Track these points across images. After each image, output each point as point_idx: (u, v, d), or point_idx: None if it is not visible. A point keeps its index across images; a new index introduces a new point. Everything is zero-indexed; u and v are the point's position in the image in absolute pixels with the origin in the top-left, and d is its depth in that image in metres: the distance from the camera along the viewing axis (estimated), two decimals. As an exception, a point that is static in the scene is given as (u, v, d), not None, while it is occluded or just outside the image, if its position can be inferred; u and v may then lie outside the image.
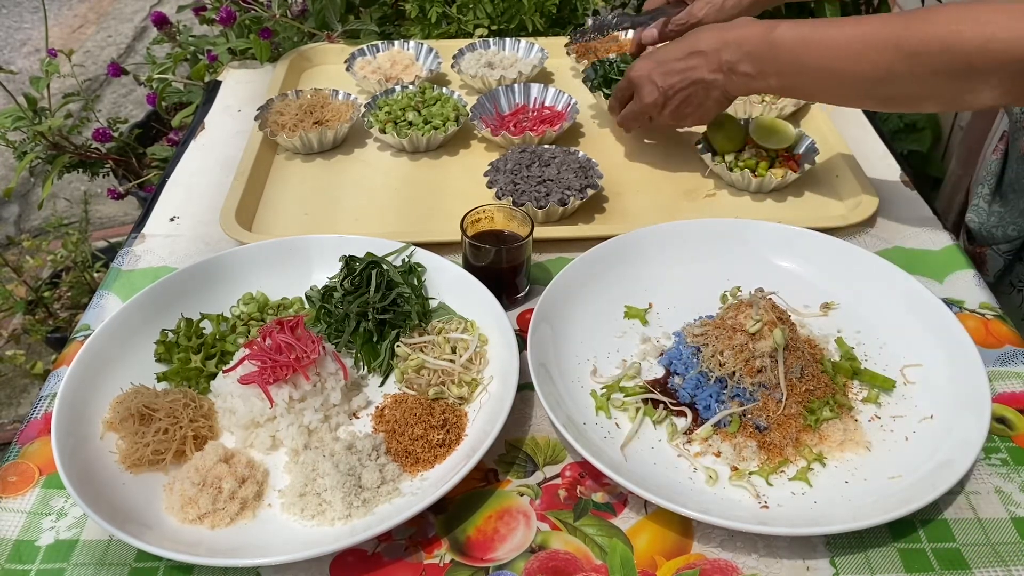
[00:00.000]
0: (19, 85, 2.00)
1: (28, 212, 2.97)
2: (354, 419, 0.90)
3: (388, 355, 0.95)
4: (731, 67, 1.04)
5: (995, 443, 0.86)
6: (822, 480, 0.81)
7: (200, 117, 1.44)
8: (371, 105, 1.35)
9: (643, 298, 1.02)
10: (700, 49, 1.06)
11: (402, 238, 1.06)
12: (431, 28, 1.66)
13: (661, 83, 1.11)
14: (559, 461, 0.86)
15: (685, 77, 1.09)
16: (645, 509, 0.80)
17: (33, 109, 1.74)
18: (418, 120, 1.30)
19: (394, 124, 1.31)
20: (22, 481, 0.84)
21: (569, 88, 1.42)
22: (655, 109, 1.14)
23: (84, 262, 2.07)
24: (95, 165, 2.02)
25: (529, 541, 0.78)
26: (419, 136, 1.28)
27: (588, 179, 1.17)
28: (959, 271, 1.07)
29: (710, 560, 0.76)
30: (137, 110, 3.45)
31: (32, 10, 4.25)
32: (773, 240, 1.06)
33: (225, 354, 0.95)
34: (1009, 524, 0.78)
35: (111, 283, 1.09)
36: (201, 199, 1.23)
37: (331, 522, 0.78)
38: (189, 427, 0.85)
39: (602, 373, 0.93)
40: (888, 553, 0.76)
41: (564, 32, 1.71)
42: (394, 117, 1.31)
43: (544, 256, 1.11)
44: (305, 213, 1.21)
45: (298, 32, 1.62)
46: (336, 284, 0.99)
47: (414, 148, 1.32)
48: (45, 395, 0.94)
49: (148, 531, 0.76)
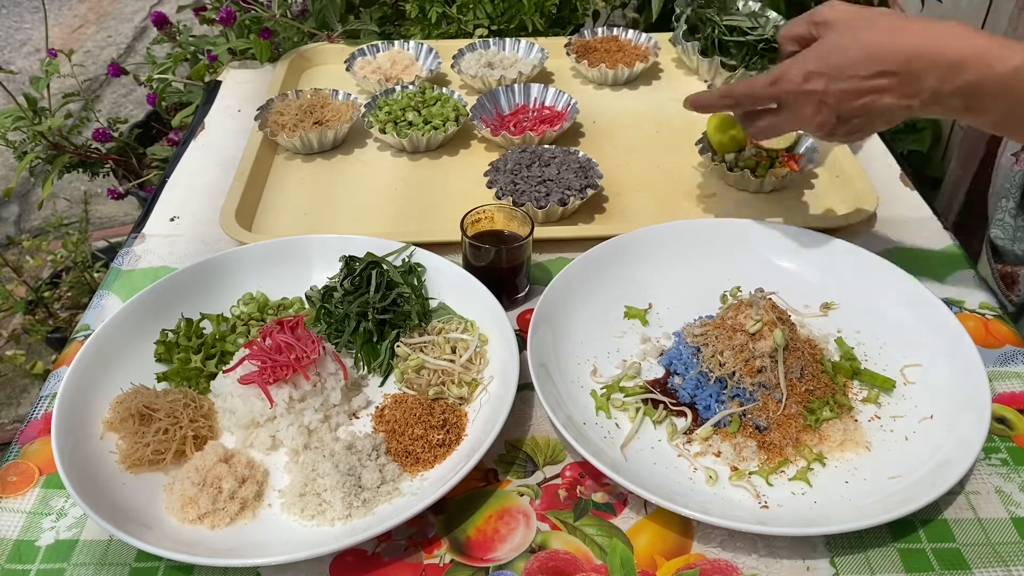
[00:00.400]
0: (19, 85, 2.00)
1: (28, 212, 2.97)
2: (354, 419, 0.90)
3: (388, 355, 0.95)
4: (935, 95, 0.80)
5: (995, 443, 0.86)
6: (822, 480, 0.81)
7: (200, 117, 1.44)
8: (371, 105, 1.35)
9: (643, 298, 1.02)
10: (890, 69, 0.80)
11: (402, 238, 1.06)
12: (431, 28, 1.66)
13: (835, 105, 0.84)
14: (559, 461, 0.86)
15: (868, 104, 0.83)
16: (645, 509, 0.80)
17: (33, 109, 1.74)
18: (418, 120, 1.30)
19: (394, 124, 1.31)
20: (22, 481, 0.84)
21: (569, 88, 1.42)
22: (818, 131, 0.89)
23: (84, 262, 2.07)
24: (95, 165, 2.02)
25: (529, 541, 0.78)
26: (419, 136, 1.28)
27: (588, 179, 1.17)
28: (959, 271, 1.07)
29: (710, 560, 0.76)
30: (137, 110, 3.45)
31: (32, 10, 4.25)
32: (773, 240, 1.06)
33: (225, 354, 0.95)
34: (1009, 524, 0.78)
35: (111, 283, 1.09)
36: (201, 199, 1.23)
37: (331, 522, 0.78)
38: (189, 427, 0.85)
39: (602, 373, 0.93)
40: (888, 553, 0.76)
41: (564, 32, 1.71)
42: (394, 117, 1.31)
43: (544, 256, 1.11)
44: (305, 213, 1.21)
45: (298, 32, 1.62)
46: (336, 284, 0.99)
47: (414, 148, 1.32)
48: (45, 395, 0.94)
49: (148, 531, 0.76)
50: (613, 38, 1.54)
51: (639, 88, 1.49)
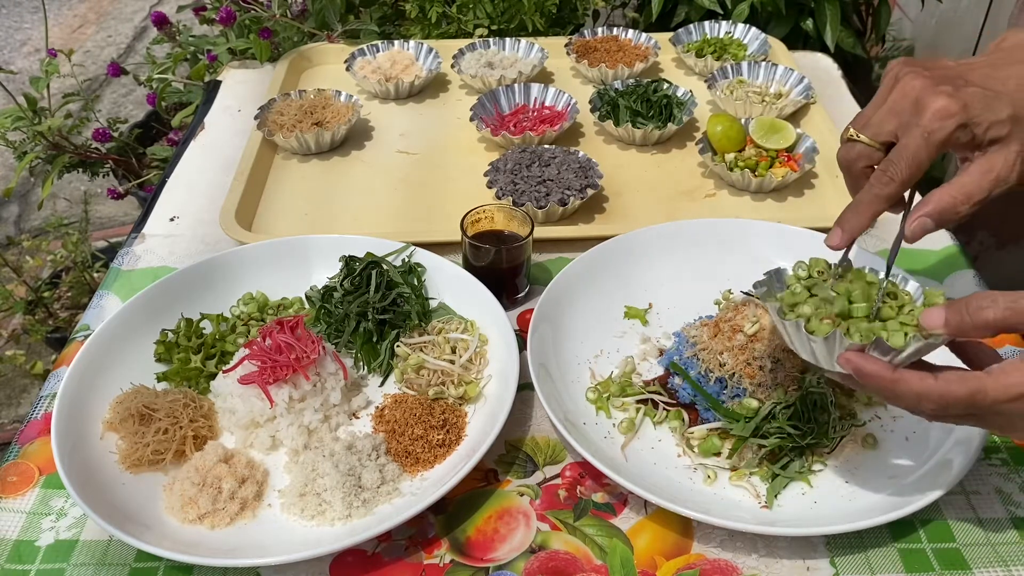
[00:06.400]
0: (19, 85, 2.00)
1: (28, 212, 2.96)
2: (354, 419, 0.90)
3: (388, 355, 0.95)
4: None
5: (995, 443, 0.86)
6: (822, 480, 0.81)
7: (200, 117, 1.44)
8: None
9: (643, 298, 1.02)
10: None
11: (402, 238, 1.06)
12: (431, 28, 1.66)
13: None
14: (559, 461, 0.86)
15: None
16: (645, 509, 0.80)
17: (33, 109, 1.74)
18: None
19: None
20: (22, 481, 0.84)
21: (569, 88, 1.42)
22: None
23: (84, 262, 2.07)
24: (95, 165, 2.02)
25: (529, 541, 0.78)
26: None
27: (588, 179, 1.17)
28: (959, 271, 1.07)
29: (710, 560, 0.76)
30: (137, 110, 3.45)
31: (32, 10, 4.25)
32: (773, 240, 1.06)
33: (225, 354, 0.95)
34: (1009, 524, 0.78)
35: (111, 283, 1.09)
36: (201, 199, 1.23)
37: (331, 522, 0.78)
38: (189, 427, 0.85)
39: (602, 373, 0.93)
40: (888, 553, 0.76)
41: (564, 32, 1.71)
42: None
43: (544, 256, 1.11)
44: (305, 213, 1.21)
45: (298, 32, 1.62)
46: (336, 284, 0.99)
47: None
48: (45, 395, 0.94)
49: (148, 531, 0.76)
50: (613, 38, 1.54)
51: (639, 88, 1.49)
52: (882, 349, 0.66)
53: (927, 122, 0.69)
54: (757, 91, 1.40)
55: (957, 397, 0.64)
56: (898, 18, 2.75)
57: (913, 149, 0.70)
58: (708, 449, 0.84)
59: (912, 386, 0.65)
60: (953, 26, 2.46)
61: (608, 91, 1.36)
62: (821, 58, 1.59)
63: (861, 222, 0.74)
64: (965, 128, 0.69)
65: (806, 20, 2.02)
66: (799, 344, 0.71)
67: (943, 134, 0.69)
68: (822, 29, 1.99)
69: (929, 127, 0.69)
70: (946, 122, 0.68)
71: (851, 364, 0.66)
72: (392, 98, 1.47)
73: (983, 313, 0.63)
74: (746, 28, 1.55)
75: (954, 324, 0.64)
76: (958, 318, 0.64)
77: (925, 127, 0.69)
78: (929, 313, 0.66)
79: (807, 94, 1.37)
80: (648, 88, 1.35)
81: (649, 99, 1.33)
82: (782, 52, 1.53)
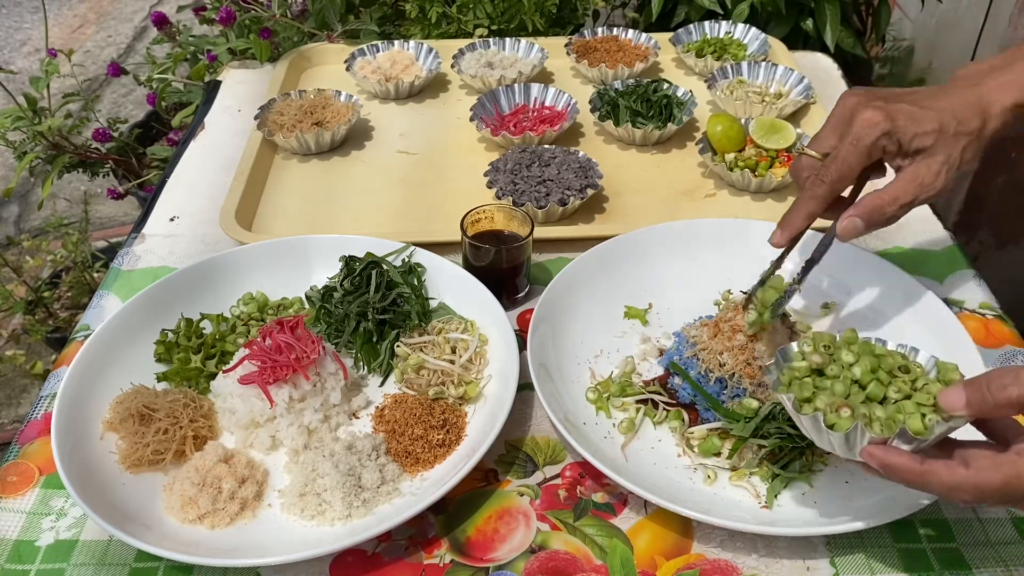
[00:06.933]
0: (19, 85, 2.00)
1: (28, 212, 2.96)
2: (354, 419, 0.90)
3: (388, 355, 0.95)
4: None
5: (995, 443, 0.86)
6: (822, 480, 0.81)
7: (200, 117, 1.44)
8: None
9: (643, 298, 1.02)
10: None
11: (402, 238, 1.06)
12: (431, 28, 1.66)
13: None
14: (559, 461, 0.86)
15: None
16: (645, 509, 0.80)
17: (33, 109, 1.74)
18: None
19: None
20: (22, 481, 0.84)
21: (569, 88, 1.42)
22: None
23: (84, 262, 2.07)
24: (95, 165, 2.02)
25: (529, 541, 0.78)
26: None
27: (588, 179, 1.17)
28: (959, 271, 1.07)
29: (710, 560, 0.76)
30: (137, 110, 3.45)
31: (32, 10, 4.25)
32: (773, 240, 1.06)
33: (225, 354, 0.95)
34: (1009, 524, 0.78)
35: (111, 283, 1.09)
36: (201, 199, 1.23)
37: (331, 522, 0.78)
38: (189, 427, 0.85)
39: (602, 373, 0.93)
40: (888, 553, 0.76)
41: (564, 32, 1.71)
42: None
43: (544, 256, 1.11)
44: (305, 213, 1.21)
45: (298, 32, 1.62)
46: (336, 284, 0.99)
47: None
48: (45, 395, 0.94)
49: (148, 531, 0.76)
50: (613, 38, 1.54)
51: (639, 88, 1.49)
52: (906, 438, 0.65)
53: (856, 130, 0.78)
54: (757, 91, 1.40)
55: (993, 487, 0.62)
56: (898, 18, 2.75)
57: (843, 154, 0.79)
58: (708, 449, 0.84)
59: (943, 479, 0.64)
60: (953, 26, 2.46)
61: (608, 91, 1.36)
62: (821, 58, 1.59)
63: (796, 221, 0.83)
64: (890, 136, 0.78)
65: (806, 20, 2.02)
66: (816, 436, 0.70)
67: (868, 140, 0.78)
68: (822, 29, 1.99)
69: (857, 134, 0.78)
70: (872, 130, 0.78)
71: (876, 459, 0.66)
72: (392, 98, 1.47)
73: (1006, 392, 0.61)
74: (746, 28, 1.55)
75: (976, 405, 0.63)
76: (979, 397, 0.62)
77: (854, 134, 0.79)
78: (948, 394, 0.64)
79: (807, 94, 1.37)
80: (648, 88, 1.35)
81: (649, 99, 1.33)
82: (782, 52, 1.53)
